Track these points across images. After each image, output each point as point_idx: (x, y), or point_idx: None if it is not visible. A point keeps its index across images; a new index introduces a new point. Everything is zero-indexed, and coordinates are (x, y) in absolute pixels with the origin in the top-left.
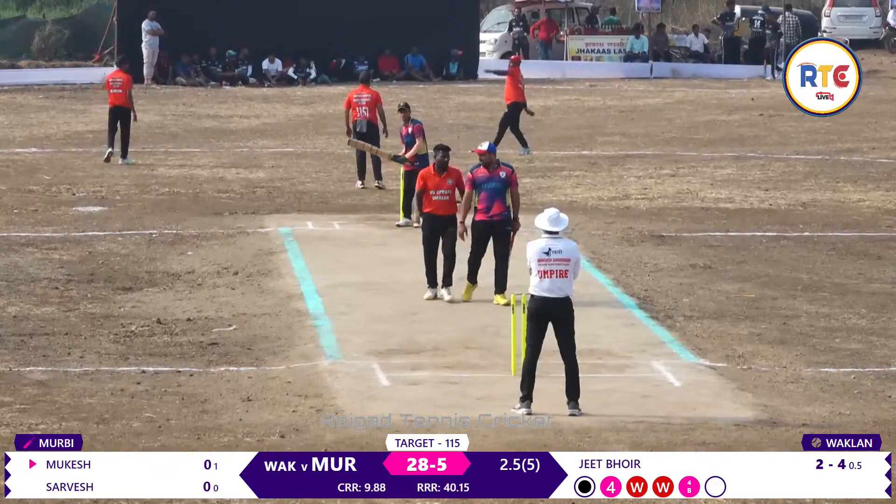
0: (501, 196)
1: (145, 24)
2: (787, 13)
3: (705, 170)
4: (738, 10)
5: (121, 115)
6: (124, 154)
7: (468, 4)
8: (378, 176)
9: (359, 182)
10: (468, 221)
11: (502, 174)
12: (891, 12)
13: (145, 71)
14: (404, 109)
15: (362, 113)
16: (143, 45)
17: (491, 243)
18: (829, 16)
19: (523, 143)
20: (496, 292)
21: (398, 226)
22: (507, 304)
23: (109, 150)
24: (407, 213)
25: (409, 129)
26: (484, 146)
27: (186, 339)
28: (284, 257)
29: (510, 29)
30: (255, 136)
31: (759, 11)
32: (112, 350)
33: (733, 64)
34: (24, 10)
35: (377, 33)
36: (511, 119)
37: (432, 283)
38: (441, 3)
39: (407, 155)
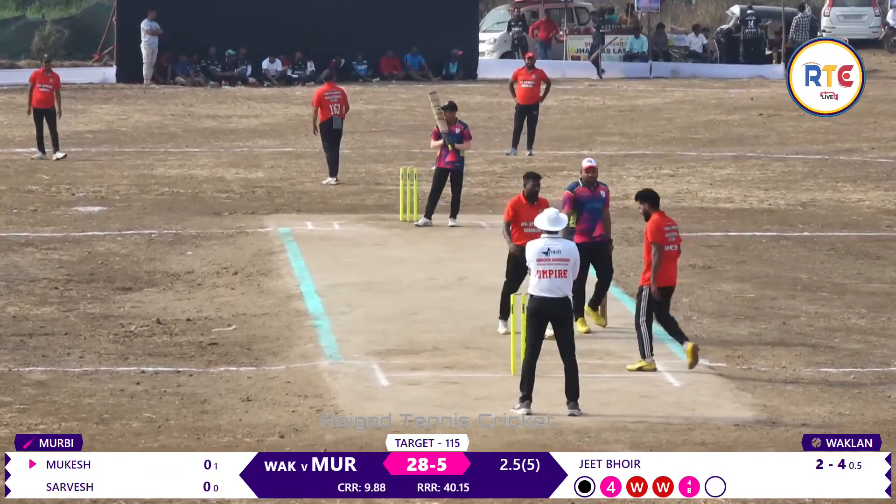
0: (601, 216)
1: (145, 24)
2: (801, 13)
3: (705, 170)
4: (736, 9)
5: (46, 115)
6: (56, 147)
7: (468, 4)
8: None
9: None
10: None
11: (602, 193)
12: (890, 12)
13: (145, 71)
14: (450, 109)
15: (334, 110)
16: (143, 44)
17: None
18: (828, 15)
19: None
20: (591, 307)
21: (417, 226)
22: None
23: (41, 155)
24: (428, 214)
25: (457, 129)
26: (593, 162)
27: (186, 339)
28: (284, 257)
29: (509, 29)
30: (255, 136)
31: (749, 11)
32: (112, 350)
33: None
34: (24, 10)
35: (377, 33)
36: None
37: (506, 315)
38: (441, 3)
39: (458, 146)
